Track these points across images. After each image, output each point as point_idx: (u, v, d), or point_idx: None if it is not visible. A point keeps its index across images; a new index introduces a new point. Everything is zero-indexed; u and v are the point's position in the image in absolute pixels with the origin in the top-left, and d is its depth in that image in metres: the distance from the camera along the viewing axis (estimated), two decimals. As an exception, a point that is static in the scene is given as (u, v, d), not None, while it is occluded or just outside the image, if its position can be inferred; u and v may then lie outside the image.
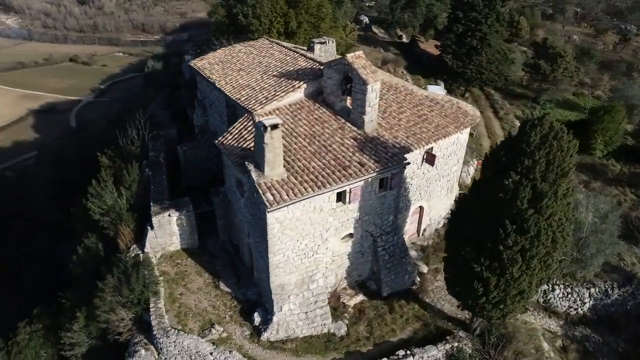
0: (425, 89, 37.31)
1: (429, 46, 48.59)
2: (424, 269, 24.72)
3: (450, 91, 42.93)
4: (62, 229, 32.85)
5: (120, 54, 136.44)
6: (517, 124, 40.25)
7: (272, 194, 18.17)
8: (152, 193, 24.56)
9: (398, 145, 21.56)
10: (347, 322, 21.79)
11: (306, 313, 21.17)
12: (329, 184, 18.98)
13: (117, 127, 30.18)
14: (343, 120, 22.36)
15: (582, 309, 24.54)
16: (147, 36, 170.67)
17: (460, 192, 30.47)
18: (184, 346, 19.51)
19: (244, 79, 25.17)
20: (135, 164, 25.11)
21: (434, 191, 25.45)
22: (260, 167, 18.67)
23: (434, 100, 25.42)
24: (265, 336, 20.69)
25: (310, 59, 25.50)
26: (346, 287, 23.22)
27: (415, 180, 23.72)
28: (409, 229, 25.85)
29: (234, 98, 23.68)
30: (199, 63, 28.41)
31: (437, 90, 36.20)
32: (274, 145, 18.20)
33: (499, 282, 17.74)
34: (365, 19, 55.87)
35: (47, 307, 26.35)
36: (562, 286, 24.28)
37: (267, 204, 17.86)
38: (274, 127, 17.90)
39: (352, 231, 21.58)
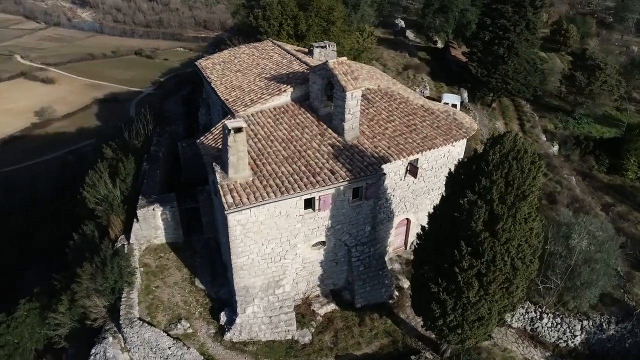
0: (439, 97, 36.29)
1: (460, 53, 46.99)
2: (405, 283, 23.98)
3: (476, 100, 41.39)
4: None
5: (181, 49, 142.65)
6: (543, 138, 38.27)
7: (233, 197, 18.27)
8: (144, 187, 25.38)
9: (376, 155, 21.04)
10: (313, 330, 21.56)
11: (270, 317, 21.13)
12: (294, 190, 18.83)
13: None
14: (325, 127, 22.12)
15: (572, 342, 22.88)
16: (207, 32, 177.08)
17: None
18: (145, 338, 20.05)
19: (238, 80, 25.47)
20: (132, 157, 26.01)
21: (423, 204, 24.60)
22: (225, 168, 18.83)
23: (429, 110, 24.57)
24: (228, 336, 20.86)
25: (304, 63, 25.39)
26: (319, 294, 22.97)
27: (398, 192, 23.04)
28: (395, 242, 25.19)
29: (223, 98, 24.01)
30: (203, 62, 29.06)
31: (453, 100, 34.99)
32: (237, 149, 18.28)
33: (456, 305, 16.93)
34: (401, 23, 54.83)
35: (47, 287, 27.87)
36: (551, 315, 22.75)
37: (226, 205, 17.98)
38: (238, 130, 17.98)
39: (323, 239, 21.31)
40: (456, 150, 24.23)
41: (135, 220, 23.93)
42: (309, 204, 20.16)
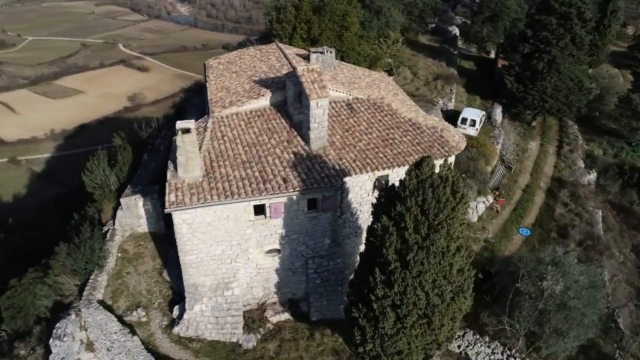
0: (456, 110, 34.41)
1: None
2: (369, 302, 23.02)
3: (512, 117, 38.56)
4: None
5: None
6: (580, 164, 34.90)
7: (177, 195, 18.68)
8: (136, 176, 26.70)
9: (338, 167, 20.44)
10: (259, 337, 21.46)
11: (217, 318, 21.33)
12: (239, 195, 18.86)
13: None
14: (295, 134, 21.87)
15: (542, 393, 20.68)
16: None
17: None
18: (97, 320, 21.11)
19: (230, 82, 25.90)
20: (129, 147, 27.47)
21: (398, 222, 23.42)
22: (176, 168, 19.31)
23: (416, 125, 23.36)
24: (175, 330, 21.39)
25: (294, 68, 25.16)
26: (276, 302, 22.79)
27: (366, 207, 22.10)
28: (367, 258, 24.24)
29: (208, 98, 24.56)
30: (211, 61, 29.89)
31: (473, 115, 32.90)
32: (186, 149, 18.66)
33: (375, 334, 16.02)
34: (455, 31, 52.40)
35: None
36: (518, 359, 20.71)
37: (167, 203, 18.44)
38: (186, 131, 18.36)
39: (278, 247, 21.12)
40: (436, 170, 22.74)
41: (119, 207, 25.26)
42: (260, 210, 20.07)
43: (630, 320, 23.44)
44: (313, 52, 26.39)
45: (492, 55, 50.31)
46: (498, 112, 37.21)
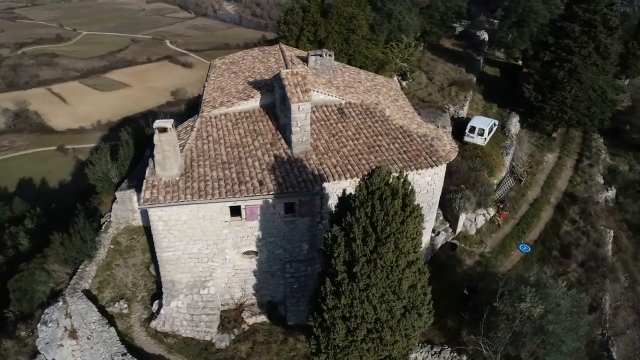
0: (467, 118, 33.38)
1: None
2: (348, 310, 22.67)
3: (530, 127, 36.99)
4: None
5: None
6: (599, 180, 33.10)
7: (151, 193, 19.04)
8: (135, 171, 27.39)
9: (317, 173, 20.25)
10: (233, 337, 21.56)
11: (192, 315, 21.59)
12: (213, 196, 19.01)
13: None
14: (280, 136, 21.85)
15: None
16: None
17: (453, 240, 26.85)
18: (79, 308, 21.82)
19: (227, 82, 26.15)
20: (132, 141, 28.24)
21: (383, 231, 22.94)
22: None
23: (407, 133, 22.81)
24: (153, 324, 21.82)
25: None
26: (255, 304, 22.82)
27: (348, 214, 21.79)
28: (351, 265, 23.87)
29: (203, 98, 24.90)
30: (216, 61, 30.29)
31: (482, 124, 31.75)
32: (162, 147, 18.99)
33: (328, 345, 15.74)
34: (484, 36, 50.75)
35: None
36: (495, 382, 19.81)
37: (142, 200, 18.82)
38: (163, 130, 18.68)
39: (254, 249, 21.13)
40: (425, 180, 22.18)
41: (115, 201, 26.01)
42: (237, 211, 20.15)
43: (626, 350, 21.98)
44: (312, 55, 26.27)
45: (521, 62, 48.46)
46: (514, 122, 35.78)
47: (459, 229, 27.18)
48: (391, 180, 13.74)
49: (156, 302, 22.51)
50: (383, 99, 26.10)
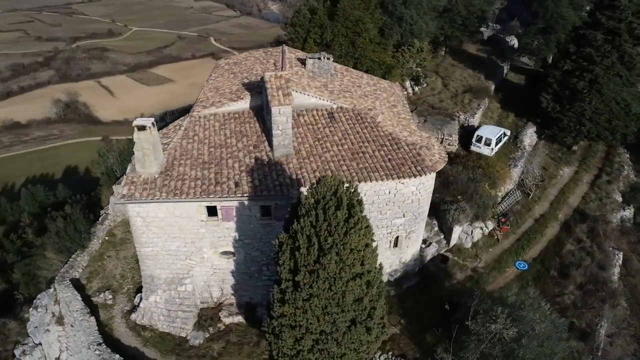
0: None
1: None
2: (325, 317, 22.43)
3: (552, 139, 35.25)
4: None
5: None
6: (617, 197, 31.28)
7: (129, 189, 19.47)
8: (136, 166, 28.16)
9: (295, 177, 20.12)
10: (207, 335, 21.77)
11: (169, 311, 21.96)
12: (187, 195, 19.25)
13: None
14: (264, 139, 21.86)
15: None
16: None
17: (446, 252, 26.06)
18: (65, 296, 22.65)
19: (224, 82, 26.39)
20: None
21: (365, 239, 22.53)
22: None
23: (395, 140, 22.28)
24: (133, 317, 22.36)
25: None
26: (233, 304, 22.94)
27: (327, 220, 21.53)
28: (333, 271, 23.59)
29: (197, 97, 25.25)
30: (221, 62, 30.67)
31: (489, 133, 30.59)
32: (141, 145, 19.38)
33: (279, 353, 15.62)
34: (514, 42, 48.93)
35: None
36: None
37: (119, 195, 19.29)
38: (141, 128, 19.06)
39: (232, 250, 21.25)
40: (409, 190, 21.58)
41: (112, 194, 26.85)
42: (214, 211, 20.31)
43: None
44: (309, 58, 26.12)
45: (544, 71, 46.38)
46: (529, 133, 34.29)
47: (453, 241, 26.32)
48: (339, 190, 13.42)
49: (138, 295, 23.06)
50: (380, 104, 25.62)
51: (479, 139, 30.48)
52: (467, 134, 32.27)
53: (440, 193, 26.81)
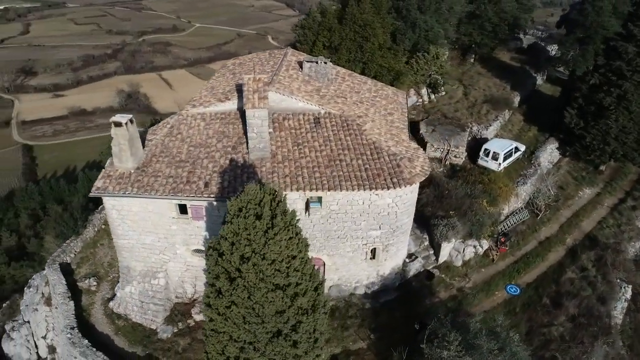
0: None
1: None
2: (294, 324, 22.17)
3: (577, 157, 32.88)
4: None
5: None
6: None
7: (104, 182, 20.17)
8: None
9: (264, 181, 20.00)
10: (176, 330, 22.14)
11: (142, 302, 22.53)
12: (157, 192, 19.67)
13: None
14: (244, 141, 21.91)
15: None
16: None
17: (433, 269, 25.05)
18: (52, 279, 23.81)
19: (221, 82, 26.66)
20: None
21: (340, 249, 22.06)
22: (115, 157, 20.80)
23: (377, 149, 21.66)
24: (111, 304, 23.16)
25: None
26: (207, 301, 23.16)
27: (300, 226, 21.22)
28: (308, 279, 23.27)
29: (192, 96, 25.71)
30: (229, 62, 31.05)
31: (497, 147, 28.99)
32: (118, 140, 20.02)
33: (208, 356, 15.60)
34: (554, 50, 46.09)
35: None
36: None
37: (94, 187, 20.02)
38: (117, 124, 19.69)
39: (203, 248, 21.46)
40: (385, 202, 20.87)
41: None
42: (186, 209, 20.63)
43: None
44: (306, 62, 25.94)
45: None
46: (549, 149, 32.17)
47: (442, 258, 25.20)
48: (265, 199, 13.17)
49: (119, 284, 23.82)
50: (374, 111, 25.00)
51: (487, 153, 28.99)
52: (477, 146, 30.77)
53: (433, 207, 25.78)
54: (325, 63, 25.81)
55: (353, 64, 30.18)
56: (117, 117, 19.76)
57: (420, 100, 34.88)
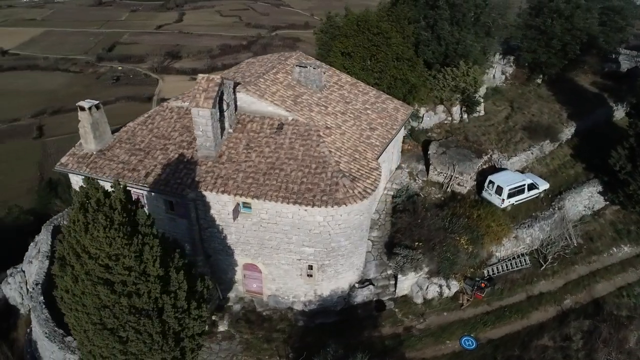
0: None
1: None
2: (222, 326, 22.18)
3: (625, 205, 27.60)
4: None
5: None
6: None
7: (67, 159, 22.13)
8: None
9: (197, 179, 20.41)
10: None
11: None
12: (104, 174, 21.09)
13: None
14: (204, 137, 22.32)
15: None
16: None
17: (389, 301, 23.09)
18: (41, 237, 26.72)
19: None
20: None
21: (274, 259, 21.41)
22: (88, 138, 22.65)
23: (323, 164, 20.60)
24: (80, 271, 25.33)
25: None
26: (156, 286, 24.14)
27: (233, 229, 21.09)
28: (249, 284, 23.05)
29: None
30: (244, 61, 31.65)
31: (501, 180, 25.39)
32: (83, 124, 21.79)
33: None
34: (626, 65, 38.62)
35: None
36: None
37: (59, 163, 22.09)
38: (82, 109, 21.44)
39: (148, 235, 22.40)
40: (315, 219, 19.76)
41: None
42: (133, 195, 21.72)
43: None
44: (297, 66, 25.47)
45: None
46: (585, 192, 27.25)
47: (400, 291, 23.00)
48: (91, 195, 13.42)
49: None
50: (353, 124, 23.79)
51: (490, 185, 25.64)
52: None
53: (403, 234, 23.62)
54: (315, 69, 25.03)
55: (366, 73, 28.76)
56: (83, 103, 21.45)
57: (450, 118, 31.97)
